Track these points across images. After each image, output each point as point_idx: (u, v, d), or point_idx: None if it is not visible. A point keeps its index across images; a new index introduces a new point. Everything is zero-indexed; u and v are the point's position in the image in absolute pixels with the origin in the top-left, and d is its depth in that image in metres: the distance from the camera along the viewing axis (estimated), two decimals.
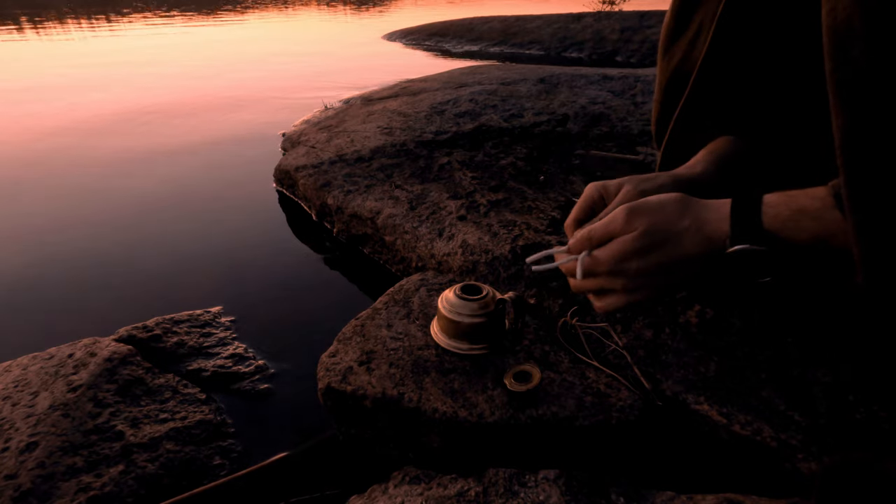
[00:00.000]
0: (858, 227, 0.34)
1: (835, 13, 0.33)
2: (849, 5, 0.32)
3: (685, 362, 0.66)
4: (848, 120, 0.33)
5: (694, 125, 0.62)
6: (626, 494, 0.53)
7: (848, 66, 0.33)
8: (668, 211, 0.46)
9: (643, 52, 4.50)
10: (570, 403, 0.62)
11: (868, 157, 0.33)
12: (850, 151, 0.34)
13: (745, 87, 0.57)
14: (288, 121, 2.25)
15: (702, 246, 0.45)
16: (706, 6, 0.59)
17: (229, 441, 0.73)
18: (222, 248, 1.27)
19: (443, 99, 1.89)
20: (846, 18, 0.33)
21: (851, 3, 0.32)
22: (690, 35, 0.61)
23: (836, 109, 0.34)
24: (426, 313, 0.78)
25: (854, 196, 0.34)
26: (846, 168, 0.34)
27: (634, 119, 1.62)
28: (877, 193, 0.33)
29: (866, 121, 0.33)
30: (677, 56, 0.63)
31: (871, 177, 0.33)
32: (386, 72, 3.58)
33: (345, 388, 0.65)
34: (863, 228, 0.34)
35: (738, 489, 0.53)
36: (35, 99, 2.87)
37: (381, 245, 1.14)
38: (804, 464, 0.54)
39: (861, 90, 0.33)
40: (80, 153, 1.97)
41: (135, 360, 0.81)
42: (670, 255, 0.45)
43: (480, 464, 0.58)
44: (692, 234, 0.45)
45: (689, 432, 0.61)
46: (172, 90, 3.08)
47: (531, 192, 1.18)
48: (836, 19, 0.33)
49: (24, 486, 0.60)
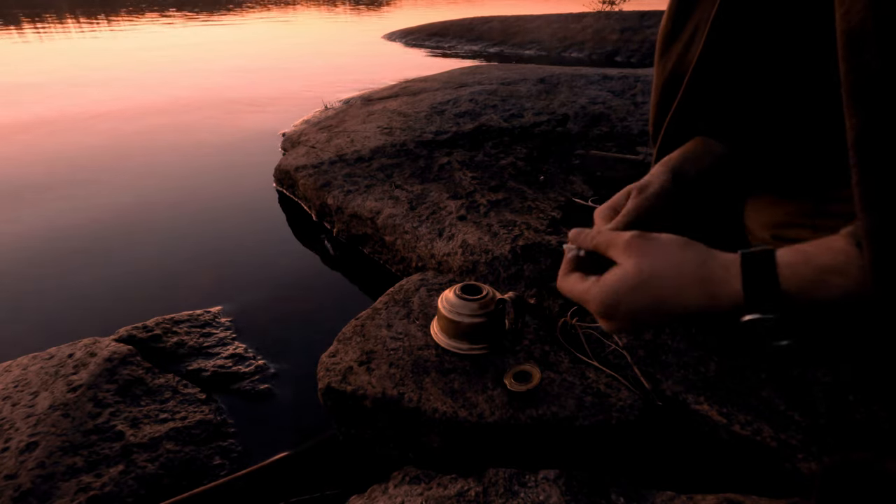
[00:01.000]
0: (871, 227, 0.34)
1: (849, 17, 0.34)
2: (862, 9, 0.33)
3: (685, 362, 0.66)
4: (862, 120, 0.34)
5: (687, 127, 0.62)
6: (626, 494, 0.53)
7: (862, 69, 0.33)
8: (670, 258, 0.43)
9: (643, 52, 4.50)
10: (570, 403, 0.62)
11: (882, 155, 0.33)
12: (864, 151, 0.34)
13: (738, 90, 0.57)
14: (288, 121, 2.25)
15: (703, 302, 0.41)
16: (702, 9, 0.59)
17: (229, 441, 0.73)
18: (222, 248, 1.27)
19: (443, 99, 1.89)
20: (860, 21, 0.33)
21: (865, 7, 0.33)
22: (686, 38, 0.61)
23: (849, 110, 0.34)
24: (426, 313, 0.78)
25: (867, 195, 0.34)
26: (860, 167, 0.34)
27: (634, 119, 1.62)
28: (890, 193, 0.33)
29: (881, 121, 0.33)
30: (673, 59, 0.63)
31: (886, 175, 0.33)
32: (386, 72, 3.59)
33: (345, 388, 0.65)
34: (876, 229, 0.34)
35: (738, 489, 0.53)
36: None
37: (381, 245, 1.14)
38: (804, 464, 0.54)
39: (875, 91, 0.33)
40: (80, 153, 1.97)
41: (135, 360, 0.81)
42: (668, 310, 0.42)
43: (480, 464, 0.58)
44: (696, 287, 0.41)
45: (689, 432, 0.61)
46: (171, 90, 3.08)
47: (531, 192, 1.18)
48: (851, 23, 0.34)
49: (24, 486, 0.60)
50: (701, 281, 0.41)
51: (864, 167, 0.34)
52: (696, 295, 0.41)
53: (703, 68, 0.57)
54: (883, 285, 0.34)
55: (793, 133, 0.55)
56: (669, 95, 0.64)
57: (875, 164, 0.33)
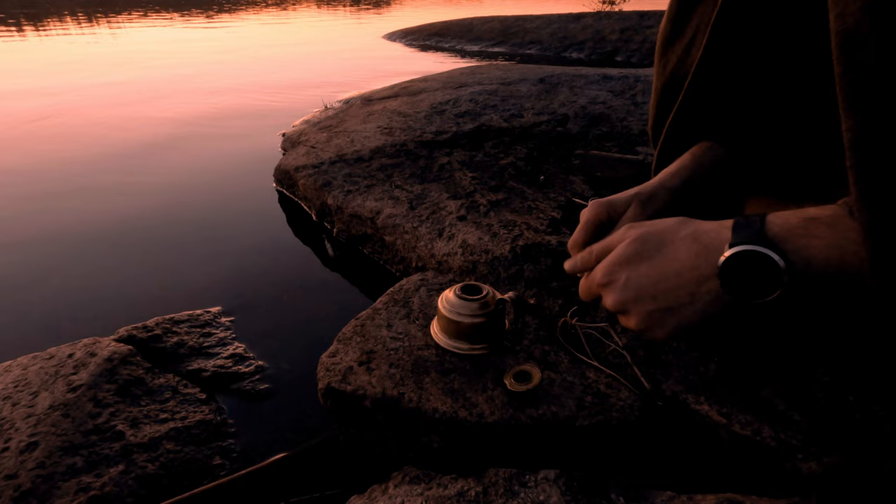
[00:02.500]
0: (869, 226, 0.34)
1: (843, 18, 0.34)
2: (857, 10, 0.33)
3: (685, 362, 0.66)
4: (858, 121, 0.34)
5: (688, 131, 0.62)
6: (626, 494, 0.53)
7: (857, 69, 0.33)
8: (668, 223, 0.44)
9: (643, 52, 4.50)
10: (571, 403, 0.62)
11: (879, 155, 0.33)
12: (860, 151, 0.34)
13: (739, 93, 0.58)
14: (288, 121, 2.25)
15: (695, 253, 0.41)
16: (701, 13, 0.59)
17: (229, 441, 0.73)
18: (222, 248, 1.27)
19: (443, 99, 1.89)
20: (855, 23, 0.33)
21: (859, 9, 0.33)
22: (686, 41, 0.61)
23: (845, 111, 0.35)
24: (426, 313, 0.78)
25: (865, 194, 0.34)
26: (857, 167, 0.34)
27: (634, 119, 1.62)
28: (888, 191, 0.33)
29: (876, 121, 0.33)
30: (672, 62, 0.63)
31: (883, 175, 0.33)
32: (386, 72, 3.58)
33: (345, 388, 0.65)
34: (874, 228, 0.34)
35: (738, 489, 0.53)
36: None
37: (381, 245, 1.14)
38: (804, 464, 0.54)
39: (871, 92, 0.33)
40: (80, 153, 1.97)
41: (135, 360, 0.81)
42: (661, 266, 0.43)
43: (480, 464, 0.58)
44: (687, 242, 0.42)
45: (689, 432, 0.61)
46: (171, 91, 3.08)
47: (531, 192, 1.18)
48: (845, 24, 0.34)
49: (24, 486, 0.60)
50: (694, 238, 0.42)
51: (862, 167, 0.34)
52: (690, 249, 0.42)
53: (703, 71, 0.57)
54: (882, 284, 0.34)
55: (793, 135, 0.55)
56: (669, 99, 0.64)
57: (873, 164, 0.34)
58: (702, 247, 0.41)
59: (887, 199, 0.33)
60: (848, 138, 0.34)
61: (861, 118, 0.34)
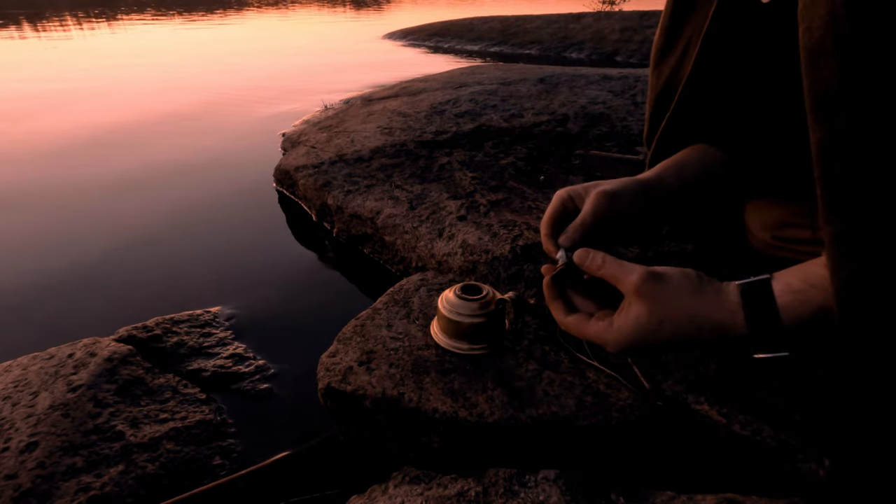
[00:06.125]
0: (836, 236, 0.35)
1: (810, 32, 0.35)
2: (821, 26, 0.34)
3: (685, 362, 0.66)
4: (823, 134, 0.35)
5: (679, 138, 0.62)
6: (626, 494, 0.53)
7: (822, 83, 0.34)
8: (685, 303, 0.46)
9: (643, 52, 4.50)
10: (570, 403, 0.62)
11: (844, 167, 0.34)
12: (826, 164, 0.35)
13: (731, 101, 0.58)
14: (288, 121, 2.25)
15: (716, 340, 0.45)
16: (694, 24, 0.59)
17: (229, 441, 0.73)
18: (222, 248, 1.27)
19: (443, 99, 1.89)
20: (820, 38, 0.34)
21: (824, 24, 0.33)
22: (679, 53, 0.62)
23: (812, 124, 0.35)
24: (426, 313, 0.78)
25: (832, 207, 0.35)
26: (823, 181, 0.35)
27: (634, 119, 1.62)
28: (853, 203, 0.34)
29: (841, 135, 0.34)
30: (666, 73, 0.64)
31: (848, 187, 0.34)
32: (386, 72, 3.58)
33: (345, 388, 0.65)
34: (840, 238, 0.35)
35: (738, 489, 0.53)
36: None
37: (381, 245, 1.14)
38: (804, 464, 0.54)
39: (834, 106, 0.34)
40: (80, 153, 1.97)
41: (135, 360, 0.81)
42: (682, 345, 0.46)
43: (480, 464, 0.58)
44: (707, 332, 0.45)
45: (689, 432, 0.61)
46: (170, 91, 3.08)
47: (531, 192, 1.18)
48: (812, 38, 0.35)
49: (24, 486, 0.60)
50: (713, 328, 0.44)
51: (827, 181, 0.35)
52: (709, 336, 0.45)
53: (694, 82, 0.58)
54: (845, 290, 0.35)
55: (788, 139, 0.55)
56: (662, 108, 0.65)
57: (837, 177, 0.35)
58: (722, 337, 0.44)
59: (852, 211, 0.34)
60: (815, 151, 0.35)
61: (825, 132, 0.34)
